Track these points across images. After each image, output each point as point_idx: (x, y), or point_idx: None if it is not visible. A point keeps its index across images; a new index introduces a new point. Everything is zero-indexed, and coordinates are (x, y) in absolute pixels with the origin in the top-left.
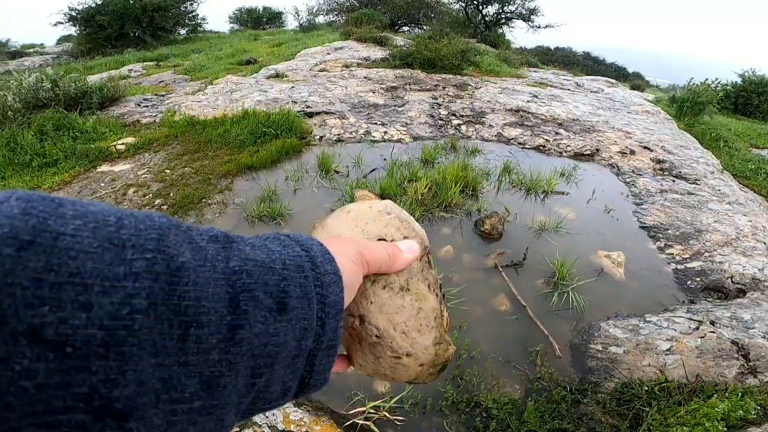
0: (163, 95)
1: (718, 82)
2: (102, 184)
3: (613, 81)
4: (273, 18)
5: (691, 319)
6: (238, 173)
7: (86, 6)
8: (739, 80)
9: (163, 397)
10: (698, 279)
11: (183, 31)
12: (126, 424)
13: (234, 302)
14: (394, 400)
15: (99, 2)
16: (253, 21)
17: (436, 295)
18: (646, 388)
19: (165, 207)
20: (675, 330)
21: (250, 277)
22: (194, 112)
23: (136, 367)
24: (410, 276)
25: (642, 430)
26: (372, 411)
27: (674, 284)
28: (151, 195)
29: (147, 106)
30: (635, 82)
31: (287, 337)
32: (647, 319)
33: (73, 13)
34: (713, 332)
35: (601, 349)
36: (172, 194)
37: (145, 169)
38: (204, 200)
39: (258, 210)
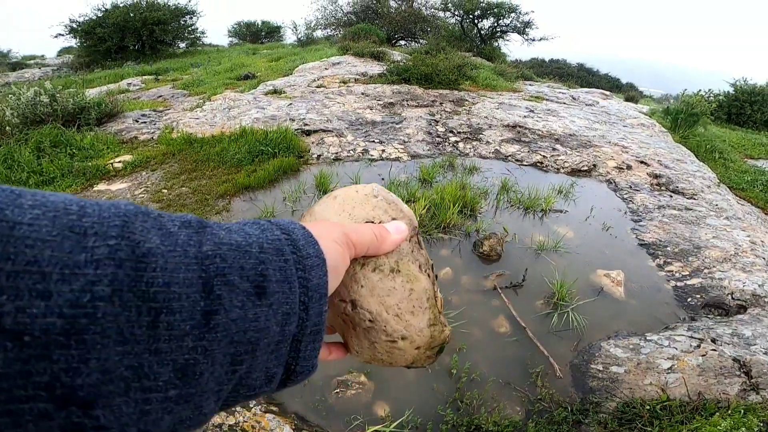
0: (161, 111)
1: (711, 93)
2: None
3: (607, 93)
4: (271, 32)
5: (692, 337)
6: (235, 193)
7: (87, 18)
8: (731, 90)
9: (134, 386)
10: (698, 296)
11: (182, 45)
12: (92, 412)
13: (208, 287)
14: (395, 424)
15: (99, 15)
16: (252, 35)
17: (428, 276)
18: (648, 407)
19: None
20: (676, 348)
21: (224, 262)
22: (192, 129)
23: (100, 355)
24: (400, 257)
25: None
26: None
27: (674, 302)
28: None
29: (145, 123)
30: (629, 93)
31: (269, 323)
32: (648, 337)
33: (74, 25)
34: (714, 350)
35: (601, 368)
36: None
37: (142, 189)
38: None
39: None
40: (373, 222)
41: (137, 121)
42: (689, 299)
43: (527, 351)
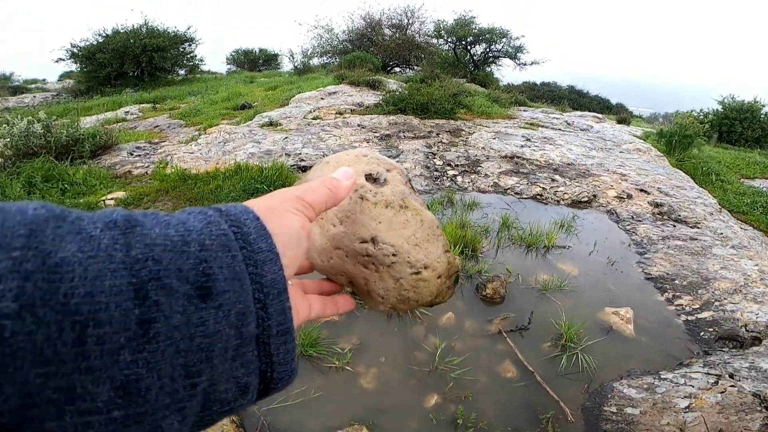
0: (156, 143)
1: (702, 113)
2: None
3: (600, 116)
4: (269, 60)
5: (708, 373)
6: None
7: (88, 43)
8: (719, 107)
9: (68, 409)
10: (711, 329)
11: (181, 72)
12: None
13: (141, 293)
14: None
15: (100, 40)
16: (250, 62)
17: (429, 211)
18: None
19: None
20: (693, 386)
21: (158, 264)
22: (186, 164)
23: (14, 378)
24: (404, 196)
25: None
26: None
27: (687, 336)
28: None
29: (139, 155)
30: (621, 115)
31: (219, 326)
32: (662, 376)
33: (75, 50)
34: (733, 386)
35: (615, 410)
36: None
37: None
38: None
39: None
40: (372, 174)
41: (132, 154)
42: (702, 333)
43: (536, 396)
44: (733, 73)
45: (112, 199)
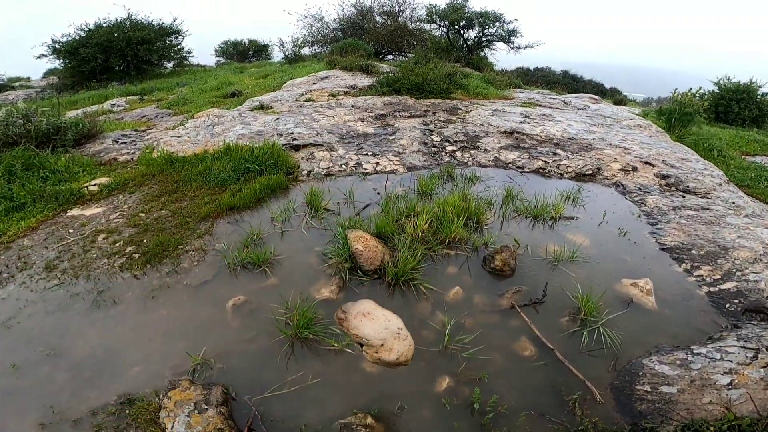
0: (143, 131)
1: (699, 93)
2: (70, 230)
3: (596, 97)
4: (259, 51)
5: (745, 347)
6: (219, 215)
7: (70, 38)
8: (715, 88)
9: None
10: (736, 301)
11: (169, 65)
12: None
13: None
14: None
15: (83, 35)
16: (239, 54)
17: None
18: (713, 429)
19: (137, 255)
20: (731, 361)
21: None
22: (173, 148)
23: None
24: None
25: None
26: None
27: (711, 309)
28: (122, 242)
29: (125, 143)
30: (617, 97)
31: None
32: (695, 351)
33: (57, 46)
34: None
35: (649, 389)
36: (145, 241)
37: (118, 213)
38: (181, 247)
39: (241, 257)
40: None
41: (117, 142)
42: (727, 305)
43: (558, 375)
44: (729, 65)
45: (95, 185)
